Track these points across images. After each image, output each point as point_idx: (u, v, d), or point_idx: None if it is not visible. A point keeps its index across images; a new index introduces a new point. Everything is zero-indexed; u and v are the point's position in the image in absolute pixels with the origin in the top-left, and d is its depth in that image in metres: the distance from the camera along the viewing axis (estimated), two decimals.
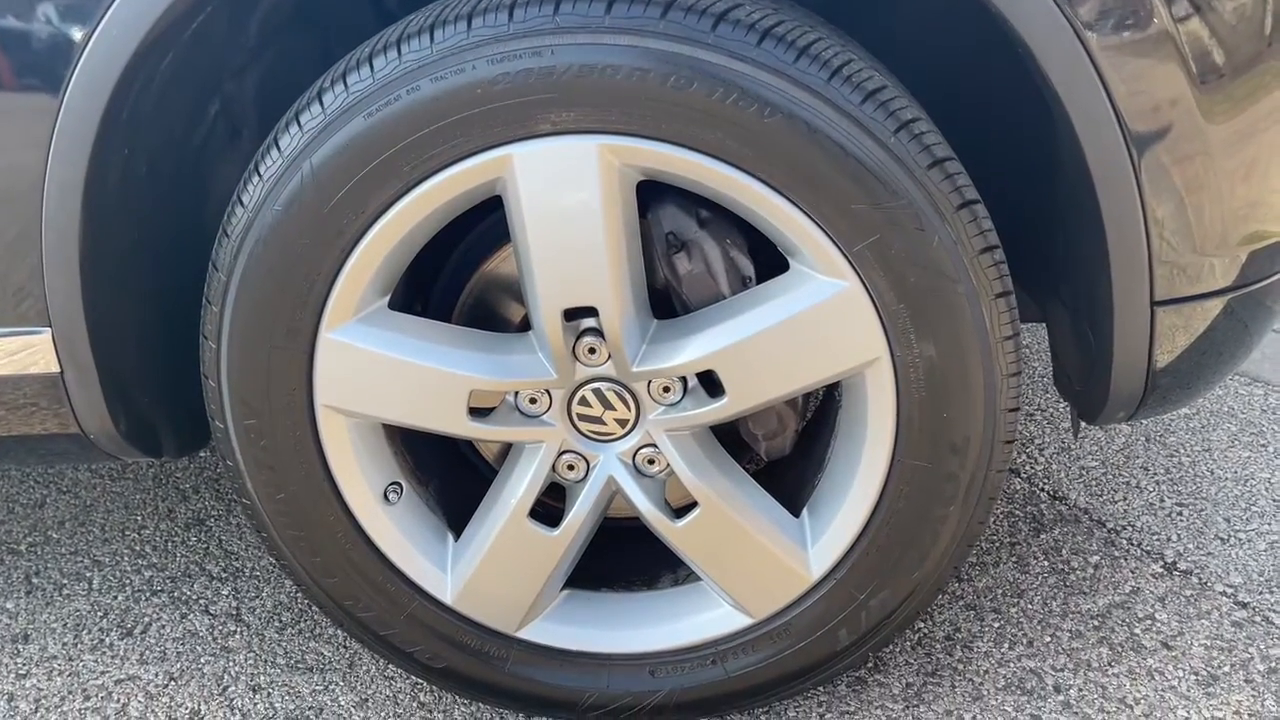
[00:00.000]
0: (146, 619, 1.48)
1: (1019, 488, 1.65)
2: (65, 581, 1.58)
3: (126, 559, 1.62)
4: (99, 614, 1.50)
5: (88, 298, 1.06)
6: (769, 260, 1.08)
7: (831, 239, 0.99)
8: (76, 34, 0.97)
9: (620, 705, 1.21)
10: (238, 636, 1.44)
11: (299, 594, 1.50)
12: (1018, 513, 1.59)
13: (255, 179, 1.01)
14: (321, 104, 0.98)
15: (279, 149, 1.00)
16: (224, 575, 1.57)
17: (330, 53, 1.20)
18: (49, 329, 1.07)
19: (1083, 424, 1.25)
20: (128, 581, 1.57)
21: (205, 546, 1.64)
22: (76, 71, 0.97)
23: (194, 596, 1.52)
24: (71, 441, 1.16)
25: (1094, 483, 1.64)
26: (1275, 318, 1.27)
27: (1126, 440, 1.74)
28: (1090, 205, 1.02)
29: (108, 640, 1.45)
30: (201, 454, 1.87)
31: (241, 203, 1.02)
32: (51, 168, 1.00)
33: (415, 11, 1.00)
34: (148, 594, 1.54)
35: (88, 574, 1.59)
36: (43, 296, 1.06)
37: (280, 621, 1.46)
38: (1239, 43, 1.00)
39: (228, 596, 1.52)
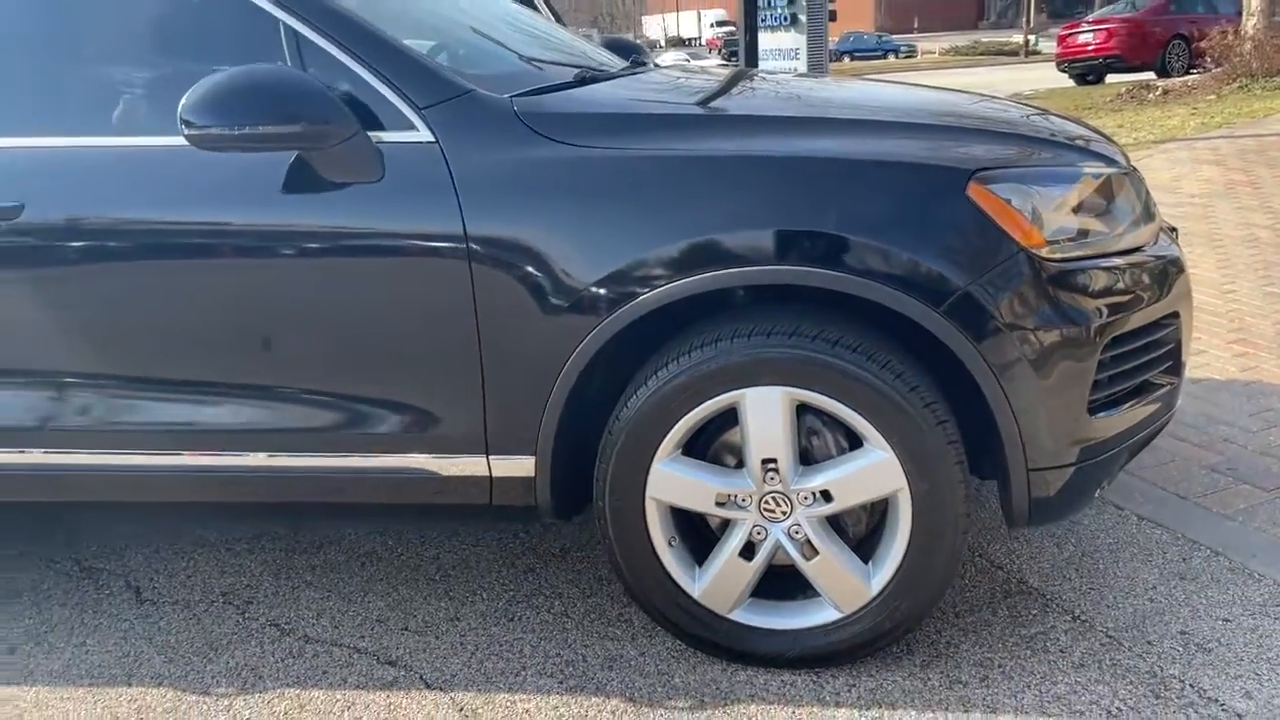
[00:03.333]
0: (520, 616, 2.80)
1: (999, 575, 2.86)
2: (469, 594, 2.92)
3: (498, 585, 2.96)
4: (495, 612, 2.83)
5: (555, 443, 2.43)
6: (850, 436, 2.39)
7: (881, 435, 2.29)
8: (589, 324, 2.35)
9: (779, 654, 2.47)
10: (570, 623, 2.75)
11: (598, 601, 2.81)
12: (997, 587, 2.80)
13: (634, 398, 2.37)
14: (666, 368, 2.35)
15: (647, 386, 2.36)
16: (554, 593, 2.89)
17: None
18: (534, 455, 2.45)
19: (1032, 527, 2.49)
20: (500, 595, 2.90)
21: (538, 582, 2.97)
22: (586, 340, 2.35)
23: (541, 605, 2.84)
24: (526, 510, 2.52)
25: (1044, 570, 2.85)
26: (1114, 471, 2.51)
27: (1071, 553, 2.95)
28: (992, 418, 2.30)
29: (519, 618, 2.77)
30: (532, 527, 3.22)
31: (627, 406, 2.38)
32: (557, 385, 2.38)
33: (710, 331, 2.37)
34: (515, 603, 2.86)
35: (480, 591, 2.93)
36: (534, 440, 2.43)
37: (591, 617, 2.77)
38: (1039, 323, 2.26)
39: (558, 606, 2.84)
